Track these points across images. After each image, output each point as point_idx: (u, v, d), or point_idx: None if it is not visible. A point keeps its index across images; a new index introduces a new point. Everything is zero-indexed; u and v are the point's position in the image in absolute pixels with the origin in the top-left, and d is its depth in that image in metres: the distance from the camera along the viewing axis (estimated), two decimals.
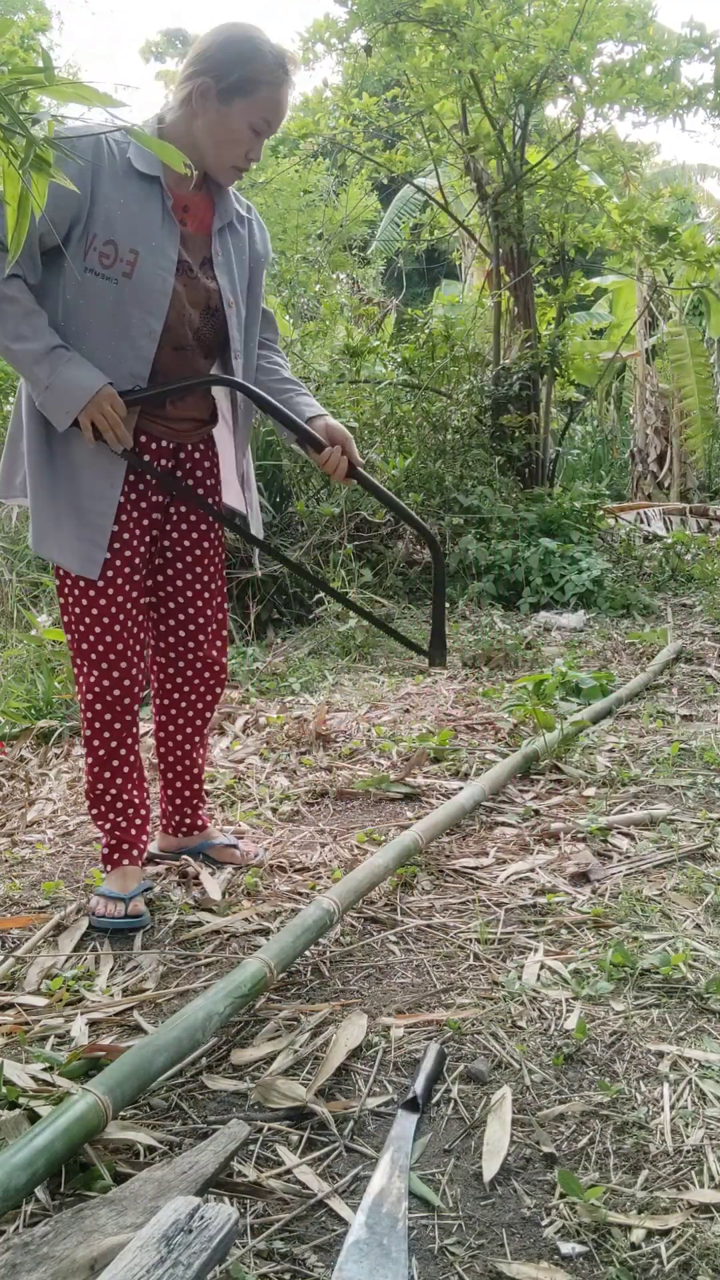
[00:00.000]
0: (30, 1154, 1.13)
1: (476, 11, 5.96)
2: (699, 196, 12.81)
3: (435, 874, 2.14)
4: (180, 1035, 1.37)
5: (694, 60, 6.38)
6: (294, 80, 1.79)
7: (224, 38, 1.74)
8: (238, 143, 1.77)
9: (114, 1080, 1.26)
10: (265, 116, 1.76)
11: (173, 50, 8.16)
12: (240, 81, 1.71)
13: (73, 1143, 1.18)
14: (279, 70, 1.74)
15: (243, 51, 1.72)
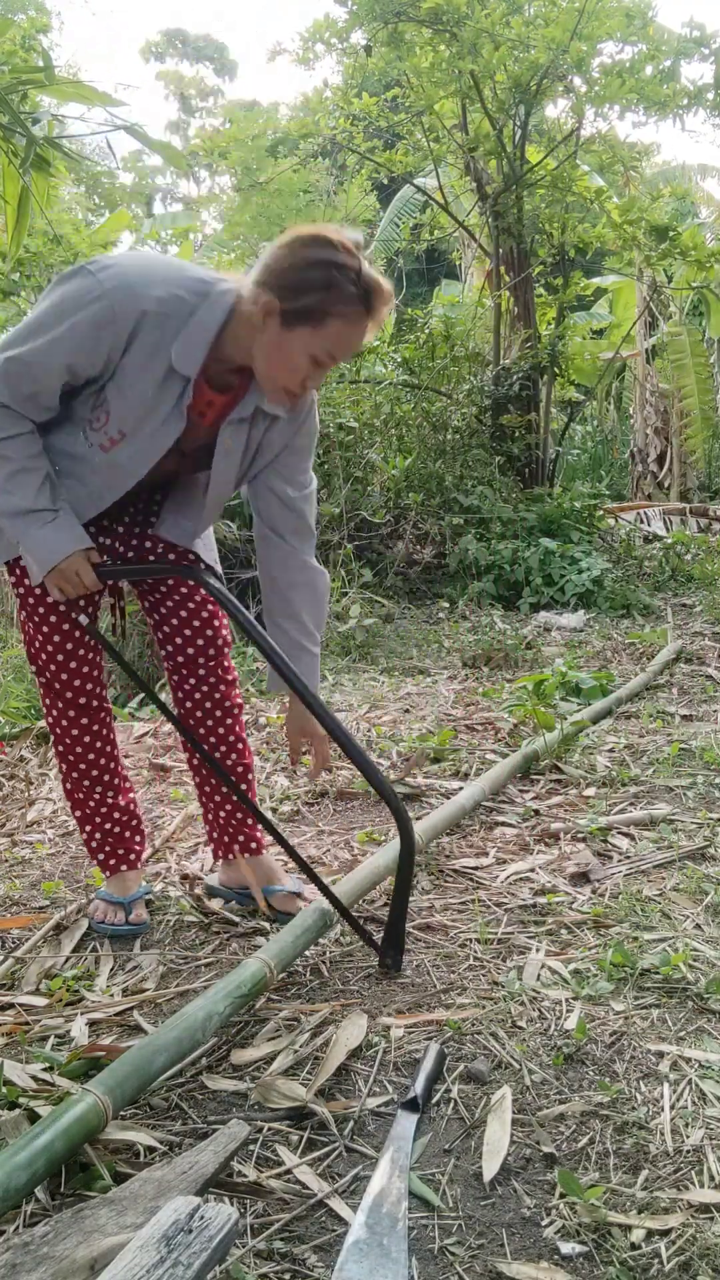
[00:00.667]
0: (30, 1154, 1.13)
1: (476, 11, 5.97)
2: (699, 196, 12.81)
3: (435, 874, 2.14)
4: (180, 1035, 1.37)
5: (694, 60, 6.39)
6: (379, 317, 1.55)
7: (301, 258, 1.50)
8: (294, 370, 1.56)
9: (114, 1080, 1.26)
10: (330, 350, 1.55)
11: (172, 50, 8.17)
12: (308, 310, 1.50)
13: (73, 1143, 1.18)
14: (358, 304, 1.51)
15: (318, 279, 1.49)
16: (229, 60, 26.79)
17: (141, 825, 2.04)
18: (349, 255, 1.49)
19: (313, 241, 1.50)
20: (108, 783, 1.95)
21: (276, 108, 16.83)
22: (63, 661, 1.84)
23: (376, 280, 1.51)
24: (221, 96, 26.14)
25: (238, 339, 1.57)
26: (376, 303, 1.52)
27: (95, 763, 1.92)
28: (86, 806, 1.96)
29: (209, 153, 8.20)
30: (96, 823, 1.97)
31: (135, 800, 2.04)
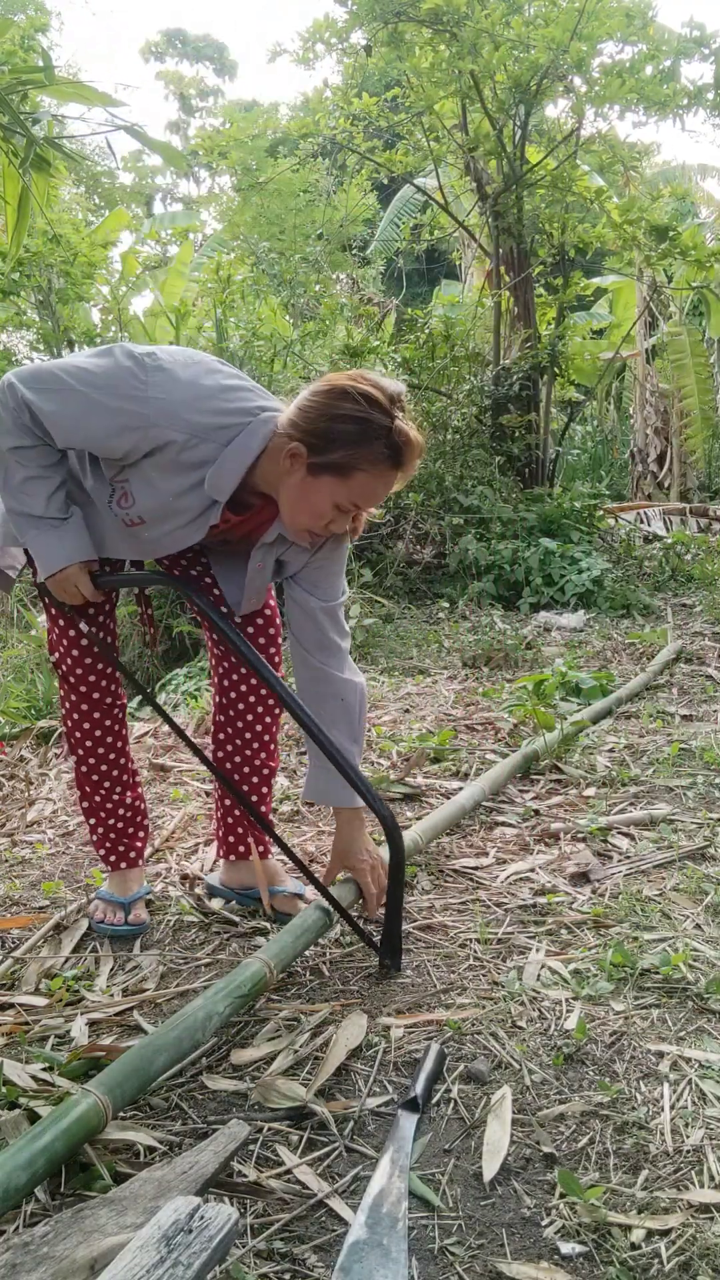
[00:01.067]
0: (31, 1154, 1.13)
1: (476, 11, 5.97)
2: (699, 196, 12.81)
3: (435, 874, 2.14)
4: (180, 1035, 1.37)
5: (694, 60, 6.39)
6: (409, 470, 1.56)
7: (334, 411, 1.49)
8: (318, 515, 1.57)
9: (114, 1080, 1.26)
10: (354, 500, 1.56)
11: (172, 50, 8.18)
12: (336, 463, 1.51)
13: (73, 1143, 1.18)
14: (386, 461, 1.52)
15: (350, 433, 1.49)
16: (229, 60, 26.79)
17: (146, 823, 2.05)
18: (382, 413, 1.49)
19: (346, 395, 1.50)
20: (116, 778, 1.96)
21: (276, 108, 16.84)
22: (78, 657, 1.85)
23: (408, 435, 1.51)
24: (221, 96, 26.14)
25: (265, 470, 1.58)
26: (406, 459, 1.53)
27: (105, 757, 1.94)
28: (94, 799, 1.97)
29: (209, 152, 8.20)
30: (101, 817, 1.98)
31: (143, 797, 2.05)
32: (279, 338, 6.44)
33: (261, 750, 1.97)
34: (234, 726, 1.96)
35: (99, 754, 1.93)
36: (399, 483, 1.59)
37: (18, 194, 2.41)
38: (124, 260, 8.20)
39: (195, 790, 2.81)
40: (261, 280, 7.54)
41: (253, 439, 1.55)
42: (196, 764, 3.04)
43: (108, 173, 15.34)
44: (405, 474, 1.57)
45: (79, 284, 6.61)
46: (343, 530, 1.63)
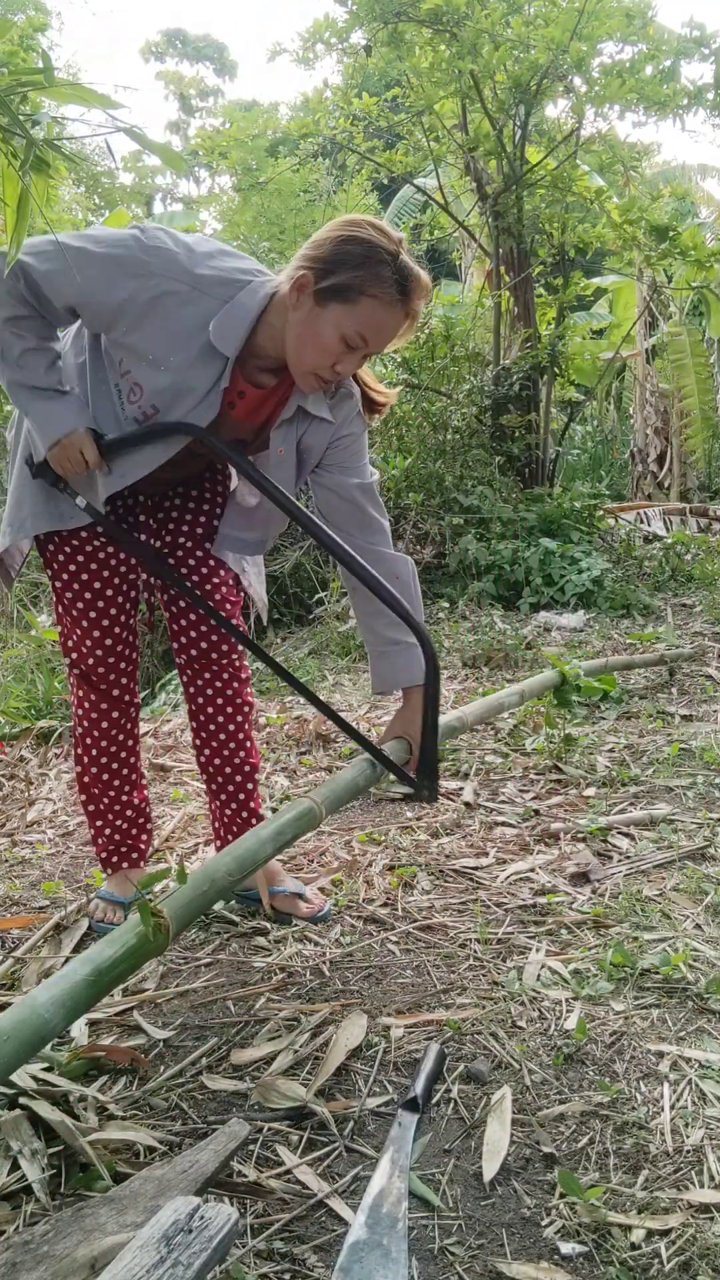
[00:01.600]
0: (95, 968, 1.12)
1: (476, 11, 5.96)
2: (699, 196, 12.81)
3: (435, 874, 2.14)
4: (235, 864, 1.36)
5: (694, 60, 6.39)
6: (414, 307, 1.54)
7: (342, 234, 1.51)
8: (324, 350, 1.53)
9: (176, 905, 1.27)
10: (361, 331, 1.52)
11: (172, 50, 8.19)
12: (342, 285, 1.49)
13: (136, 959, 1.18)
14: (393, 288, 1.50)
15: (356, 254, 1.49)
16: (229, 60, 26.79)
17: (150, 824, 2.05)
18: (389, 240, 1.50)
19: (353, 224, 1.52)
20: (125, 776, 1.96)
21: (276, 108, 16.84)
22: (90, 648, 1.84)
23: (414, 270, 1.51)
24: (221, 96, 26.15)
25: (273, 330, 1.57)
26: (413, 291, 1.52)
27: (116, 755, 1.94)
28: (101, 802, 1.97)
29: (209, 153, 8.21)
30: (109, 819, 1.98)
31: (148, 799, 2.05)
32: None
33: (240, 749, 1.96)
34: (209, 729, 1.96)
35: (110, 753, 1.93)
36: (405, 321, 1.56)
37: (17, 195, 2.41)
38: None
39: (195, 790, 2.81)
40: None
41: (255, 295, 1.55)
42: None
43: (108, 173, 15.34)
44: (410, 312, 1.54)
45: None
46: (351, 371, 1.58)
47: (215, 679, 1.92)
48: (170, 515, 1.88)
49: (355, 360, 1.56)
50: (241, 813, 2.00)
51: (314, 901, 1.97)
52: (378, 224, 1.52)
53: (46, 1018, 1.05)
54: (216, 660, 1.91)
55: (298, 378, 1.59)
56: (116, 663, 1.86)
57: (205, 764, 2.00)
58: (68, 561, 1.79)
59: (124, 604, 1.85)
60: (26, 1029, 1.04)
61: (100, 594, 1.81)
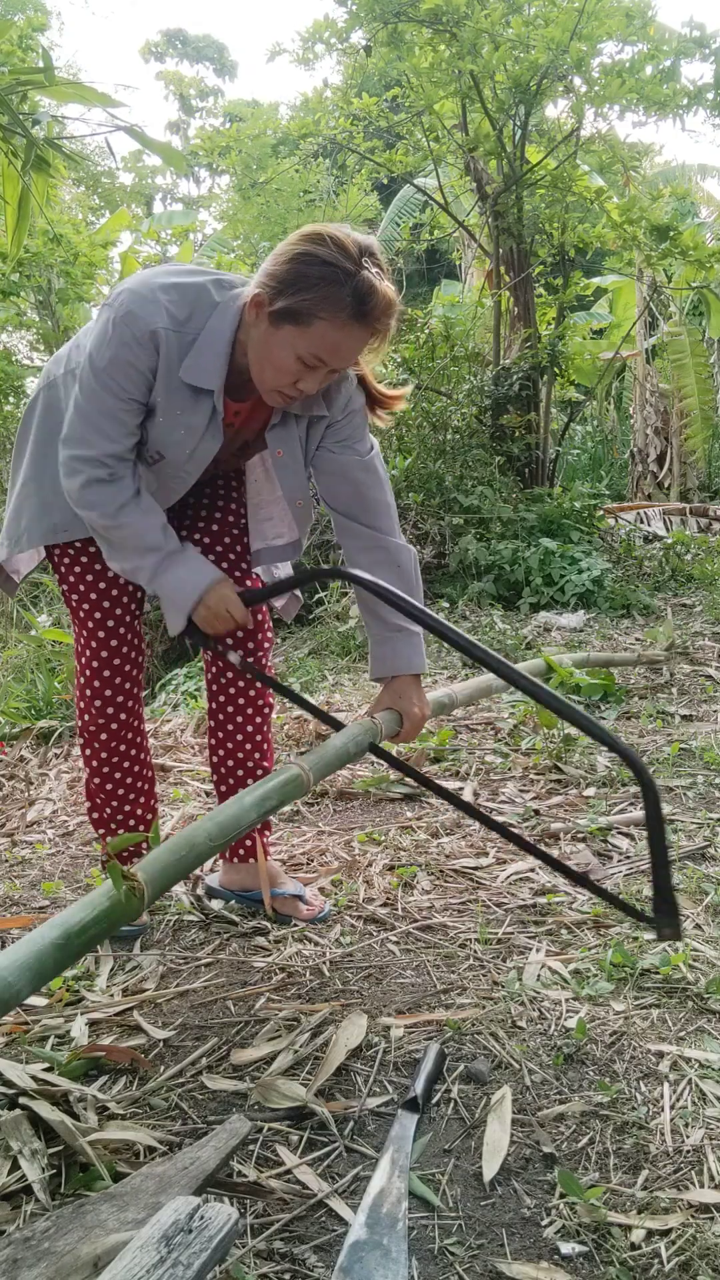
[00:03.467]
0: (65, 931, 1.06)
1: (476, 11, 5.96)
2: (699, 196, 12.81)
3: (435, 874, 2.14)
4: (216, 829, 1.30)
5: (694, 60, 6.39)
6: (376, 325, 1.46)
7: (298, 250, 1.44)
8: (282, 370, 1.49)
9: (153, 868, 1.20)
10: (316, 353, 1.46)
11: (172, 50, 8.19)
12: (294, 309, 1.43)
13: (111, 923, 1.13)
14: (348, 310, 1.43)
15: (310, 275, 1.42)
16: (229, 60, 26.80)
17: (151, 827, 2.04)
18: (347, 258, 1.43)
19: (311, 239, 1.44)
20: (130, 785, 1.95)
21: (276, 108, 16.84)
22: (96, 649, 1.83)
23: (374, 287, 1.43)
24: (221, 96, 26.15)
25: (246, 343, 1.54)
26: (372, 311, 1.44)
27: (119, 766, 1.93)
28: (105, 811, 1.96)
29: (209, 152, 8.21)
30: (111, 828, 1.97)
31: (155, 808, 2.04)
32: None
33: (255, 750, 1.97)
34: (226, 729, 1.96)
35: (113, 764, 1.92)
36: (369, 339, 1.49)
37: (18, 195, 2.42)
38: (124, 260, 8.21)
39: (195, 790, 2.81)
40: None
41: (224, 317, 1.51)
42: (197, 764, 3.05)
43: (108, 173, 15.34)
44: (372, 330, 1.47)
45: (79, 284, 6.61)
46: (315, 390, 1.53)
47: (239, 678, 1.93)
48: (196, 524, 1.89)
49: (318, 378, 1.51)
50: None
51: (314, 904, 1.97)
52: (339, 237, 1.44)
53: (10, 980, 0.98)
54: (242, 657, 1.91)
55: (263, 394, 1.57)
56: (122, 665, 1.86)
57: (218, 764, 2.00)
58: (74, 564, 1.80)
59: (129, 605, 1.85)
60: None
61: (105, 595, 1.81)
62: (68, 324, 6.91)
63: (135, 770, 1.95)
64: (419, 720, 1.75)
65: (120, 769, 1.93)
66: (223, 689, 1.95)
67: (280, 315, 1.45)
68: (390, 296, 1.46)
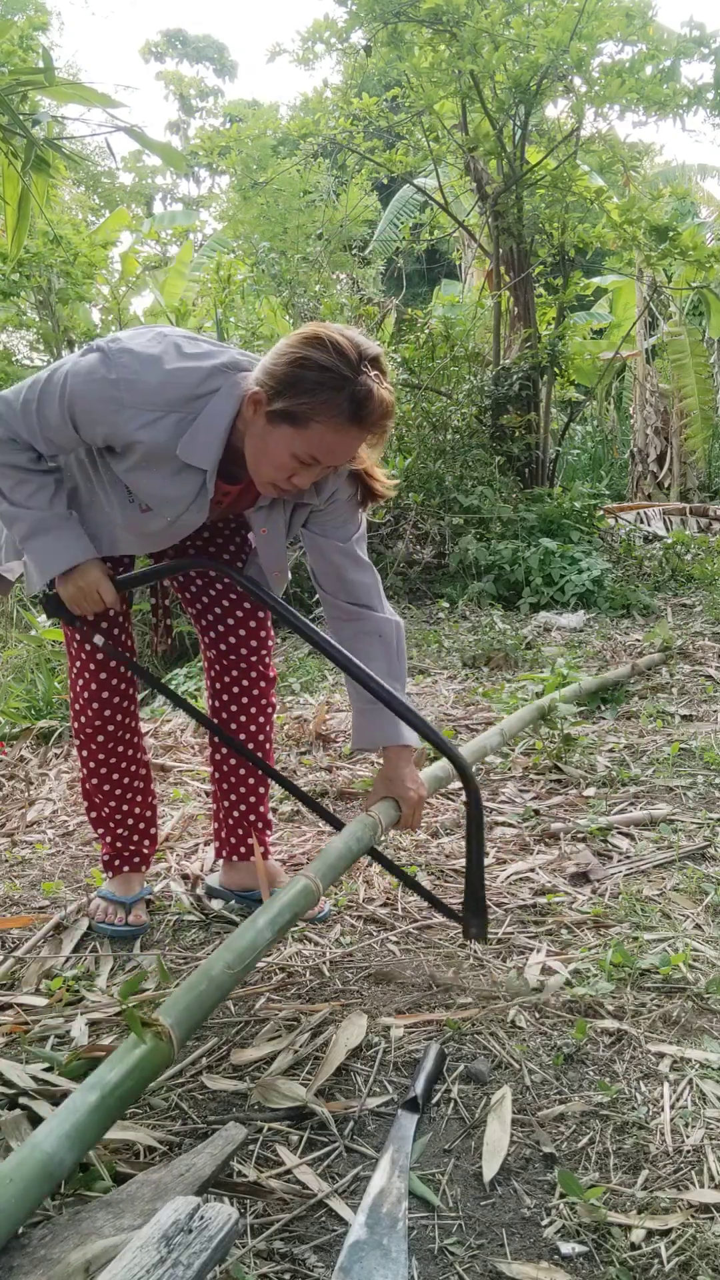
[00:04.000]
0: (101, 1094, 1.06)
1: (476, 11, 5.97)
2: (699, 196, 12.81)
3: (435, 874, 2.14)
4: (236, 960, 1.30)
5: (694, 60, 6.39)
6: (373, 428, 1.47)
7: (298, 354, 1.44)
8: (278, 466, 1.50)
9: (178, 1011, 1.19)
10: (312, 454, 1.47)
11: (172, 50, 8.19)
12: (291, 411, 1.44)
13: (144, 1080, 1.13)
14: (344, 415, 1.43)
15: (308, 379, 1.42)
16: (229, 60, 26.80)
17: (153, 828, 2.04)
18: (347, 365, 1.42)
19: (313, 343, 1.44)
20: (127, 785, 1.95)
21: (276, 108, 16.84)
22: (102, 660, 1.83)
23: (371, 393, 1.43)
24: (221, 96, 26.16)
25: (244, 431, 1.54)
26: (368, 416, 1.44)
27: (117, 766, 1.93)
28: (103, 811, 1.96)
29: (209, 152, 8.21)
30: (110, 827, 1.97)
31: (154, 804, 2.04)
32: (279, 338, 6.44)
33: (256, 750, 1.97)
34: (228, 729, 1.96)
35: (109, 765, 1.92)
36: (371, 444, 1.52)
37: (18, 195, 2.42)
38: (124, 260, 8.21)
39: (195, 790, 2.81)
40: (262, 280, 7.54)
41: (227, 401, 1.52)
42: (197, 764, 3.05)
43: (108, 173, 15.34)
44: (370, 433, 1.48)
45: (79, 284, 6.62)
46: (308, 484, 1.54)
47: (243, 677, 1.93)
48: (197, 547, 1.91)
49: (313, 474, 1.52)
50: (249, 815, 2.00)
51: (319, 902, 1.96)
52: (339, 342, 1.43)
53: (50, 1151, 0.99)
54: (245, 657, 1.92)
55: (258, 485, 1.57)
56: (116, 666, 1.85)
57: (220, 762, 2.00)
58: None
59: (120, 605, 1.84)
60: (28, 1168, 0.97)
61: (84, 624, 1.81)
62: (68, 324, 6.91)
63: (132, 770, 1.95)
64: (415, 803, 1.73)
65: (117, 769, 1.92)
66: (225, 688, 1.95)
67: (278, 415, 1.46)
68: (387, 402, 1.46)
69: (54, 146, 2.41)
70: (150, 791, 2.02)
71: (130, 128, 2.49)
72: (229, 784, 2.00)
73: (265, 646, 1.93)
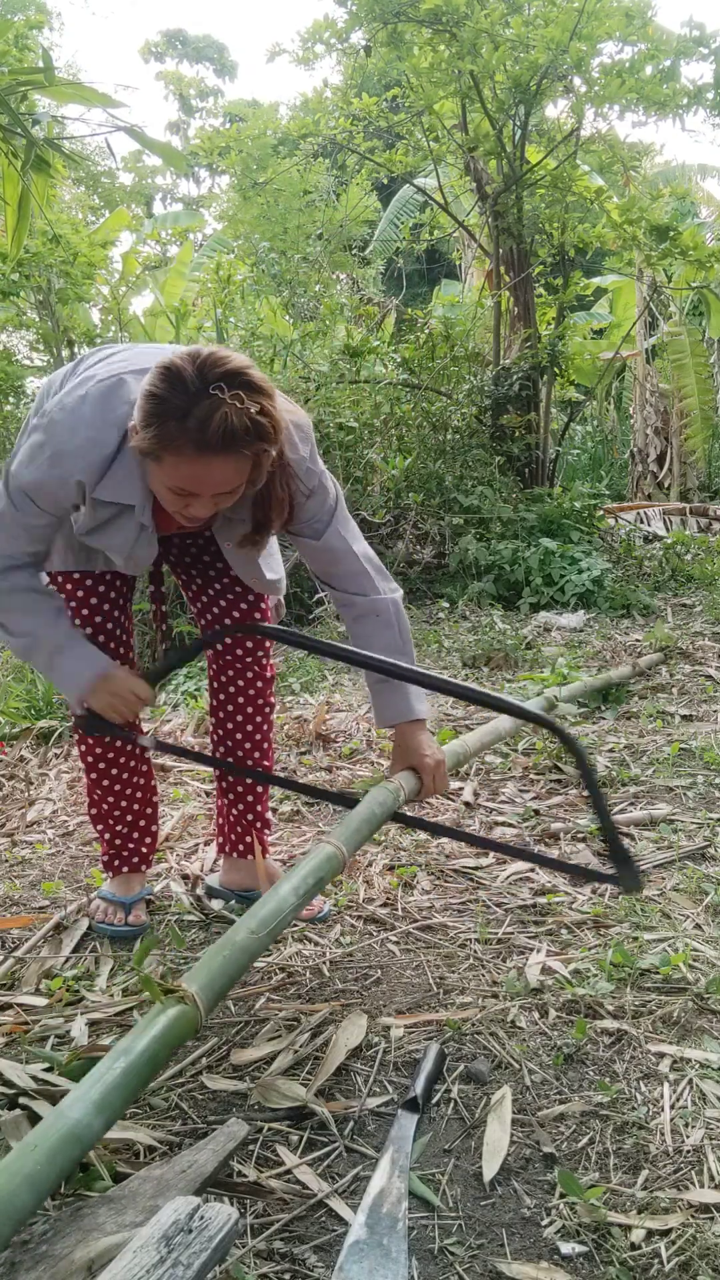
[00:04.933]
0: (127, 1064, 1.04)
1: (476, 11, 5.97)
2: (699, 196, 12.80)
3: (435, 874, 2.14)
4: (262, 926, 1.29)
5: (694, 60, 6.39)
6: (236, 450, 1.36)
7: (146, 387, 1.38)
8: (166, 500, 1.47)
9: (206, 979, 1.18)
10: (180, 485, 1.41)
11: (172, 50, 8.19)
12: (145, 445, 1.39)
13: (171, 1045, 1.10)
14: (190, 445, 1.35)
15: (149, 412, 1.36)
16: (229, 60, 26.81)
17: (155, 828, 2.04)
18: (182, 392, 1.33)
19: (154, 374, 1.37)
20: (130, 785, 1.95)
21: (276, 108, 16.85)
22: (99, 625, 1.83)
23: (211, 416, 1.32)
24: (221, 97, 26.16)
25: None
26: (215, 440, 1.33)
27: (119, 766, 1.93)
28: (102, 805, 1.97)
29: (209, 152, 8.21)
30: (109, 824, 1.98)
31: (156, 805, 2.04)
32: (279, 338, 6.44)
33: (255, 750, 1.97)
34: (226, 728, 1.97)
35: (111, 774, 1.92)
36: (255, 466, 1.42)
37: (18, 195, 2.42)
38: (124, 260, 8.21)
39: (195, 790, 2.81)
40: (262, 280, 7.54)
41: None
42: (197, 764, 3.04)
43: (108, 173, 15.33)
44: (230, 455, 1.37)
45: (79, 284, 6.61)
46: (208, 513, 1.48)
47: (239, 676, 1.94)
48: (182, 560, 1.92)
49: (205, 504, 1.45)
50: (248, 815, 2.00)
51: (314, 904, 1.97)
52: (180, 367, 1.35)
53: (77, 1118, 0.97)
54: (242, 657, 1.93)
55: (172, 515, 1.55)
56: (119, 664, 1.85)
57: (220, 760, 2.01)
58: (56, 573, 1.81)
59: (120, 601, 1.85)
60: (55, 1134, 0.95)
61: (93, 608, 1.82)
62: (67, 324, 6.90)
63: (134, 769, 1.95)
64: (434, 769, 1.72)
65: (120, 769, 1.93)
66: (223, 687, 1.95)
67: (141, 452, 1.42)
68: (237, 422, 1.33)
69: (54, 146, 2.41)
70: (152, 790, 2.02)
71: (130, 128, 2.49)
72: (228, 782, 2.01)
73: (263, 646, 1.94)
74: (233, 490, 1.45)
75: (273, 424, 1.38)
